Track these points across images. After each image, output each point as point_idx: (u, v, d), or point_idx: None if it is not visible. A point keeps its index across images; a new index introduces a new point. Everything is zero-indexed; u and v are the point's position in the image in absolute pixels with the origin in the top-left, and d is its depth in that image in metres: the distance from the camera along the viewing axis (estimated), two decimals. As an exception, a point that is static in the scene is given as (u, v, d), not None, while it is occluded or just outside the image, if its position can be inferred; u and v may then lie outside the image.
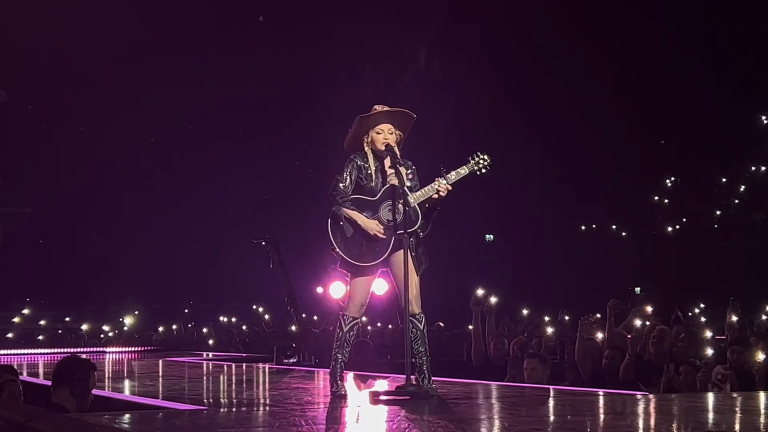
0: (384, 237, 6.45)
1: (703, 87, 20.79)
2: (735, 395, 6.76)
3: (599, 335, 8.97)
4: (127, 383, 9.88)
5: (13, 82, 21.26)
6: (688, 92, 21.12)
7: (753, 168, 23.02)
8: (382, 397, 6.28)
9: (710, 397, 6.67)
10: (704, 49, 20.87)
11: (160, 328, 22.00)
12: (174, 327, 21.93)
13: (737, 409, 6.13)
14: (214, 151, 25.27)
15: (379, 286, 9.97)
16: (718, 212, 23.43)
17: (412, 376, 6.30)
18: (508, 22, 21.54)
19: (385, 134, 6.56)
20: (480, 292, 10.28)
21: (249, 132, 25.24)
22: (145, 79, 24.49)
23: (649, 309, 10.49)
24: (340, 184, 6.52)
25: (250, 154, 25.56)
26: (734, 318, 12.21)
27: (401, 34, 22.87)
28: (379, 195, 6.54)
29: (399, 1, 22.19)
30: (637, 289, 22.98)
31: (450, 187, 6.52)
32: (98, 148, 24.39)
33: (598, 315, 9.33)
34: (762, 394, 6.85)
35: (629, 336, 9.97)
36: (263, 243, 13.23)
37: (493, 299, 10.30)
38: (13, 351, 18.67)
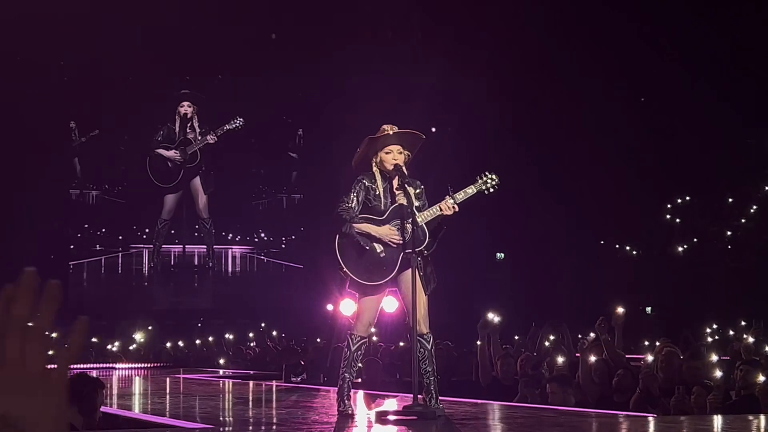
0: (400, 242, 6.44)
1: (716, 107, 20.76)
2: (751, 417, 6.72)
3: (593, 358, 8.89)
4: (135, 401, 9.88)
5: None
6: (701, 112, 21.09)
7: (767, 188, 22.92)
8: (390, 417, 6.27)
9: (718, 419, 6.63)
10: (717, 70, 20.84)
11: (168, 344, 21.97)
12: (181, 344, 21.89)
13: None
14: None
15: (390, 304, 9.96)
16: (729, 233, 23.34)
17: (419, 396, 6.28)
18: (520, 39, 21.56)
19: (394, 155, 6.56)
20: (490, 315, 10.25)
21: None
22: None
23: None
24: (346, 205, 6.53)
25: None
26: (750, 339, 12.15)
27: (411, 51, 22.95)
28: (387, 214, 6.54)
29: (408, 16, 22.26)
30: (648, 309, 22.90)
31: (456, 207, 6.52)
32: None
33: (592, 334, 9.27)
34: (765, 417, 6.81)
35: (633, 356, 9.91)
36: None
37: (497, 319, 10.26)
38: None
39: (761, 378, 7.41)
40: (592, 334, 9.29)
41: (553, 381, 8.35)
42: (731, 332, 15.96)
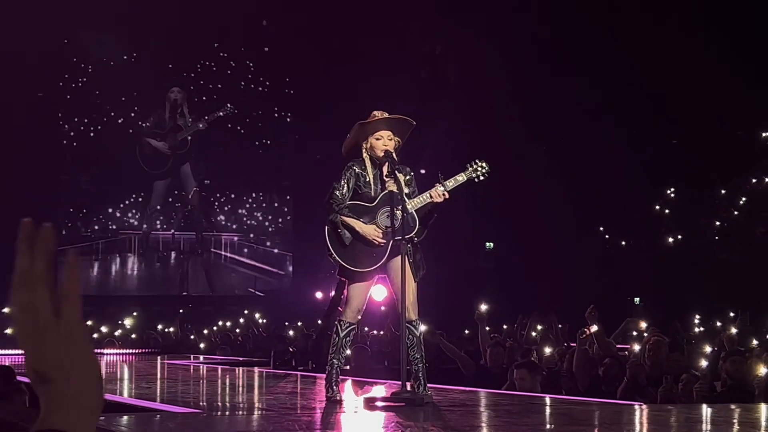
0: (383, 242, 6.44)
1: (708, 100, 20.76)
2: (733, 407, 6.75)
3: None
4: (124, 386, 9.87)
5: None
6: (694, 103, 21.10)
7: (755, 180, 22.96)
8: (378, 403, 6.27)
9: (707, 408, 6.65)
10: (709, 64, 20.83)
11: (157, 328, 21.95)
12: (168, 329, 21.86)
13: (734, 421, 6.13)
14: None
15: (378, 292, 9.95)
16: (717, 223, 23.39)
17: (407, 383, 6.29)
18: (512, 28, 21.53)
19: (384, 140, 6.55)
20: (483, 307, 10.25)
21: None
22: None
23: (643, 324, 10.32)
24: (337, 192, 6.51)
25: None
26: (734, 330, 12.24)
27: (405, 36, 22.92)
28: (377, 201, 6.53)
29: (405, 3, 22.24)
30: (637, 300, 22.95)
31: (447, 194, 6.51)
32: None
33: (595, 327, 9.29)
34: (761, 407, 6.84)
35: (621, 346, 9.95)
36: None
37: (484, 307, 10.26)
38: (12, 351, 18.65)
39: (763, 370, 7.43)
40: (595, 327, 9.30)
41: (522, 367, 8.35)
42: (719, 323, 16.02)
